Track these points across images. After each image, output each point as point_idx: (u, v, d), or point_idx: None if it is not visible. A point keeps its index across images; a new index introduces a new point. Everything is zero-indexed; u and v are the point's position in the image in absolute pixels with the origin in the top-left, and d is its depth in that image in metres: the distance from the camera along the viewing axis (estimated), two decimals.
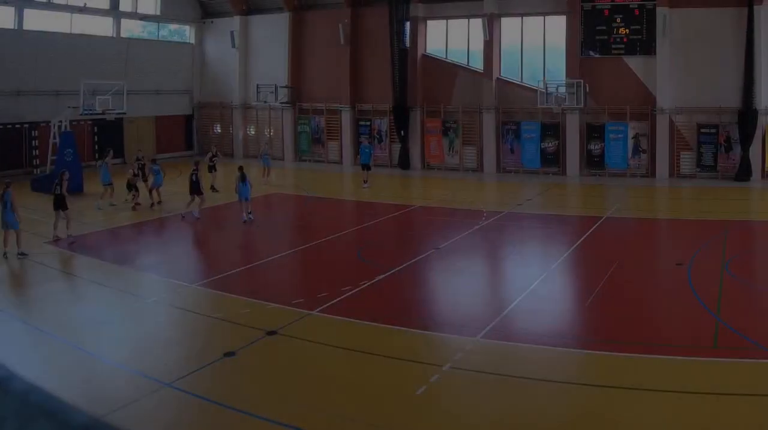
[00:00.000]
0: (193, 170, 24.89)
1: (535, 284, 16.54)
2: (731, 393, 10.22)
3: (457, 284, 17.19)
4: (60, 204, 21.16)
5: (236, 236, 22.98)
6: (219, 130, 45.90)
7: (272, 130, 44.35)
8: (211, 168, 31.53)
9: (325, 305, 14.36)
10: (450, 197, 29.86)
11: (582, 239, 21.36)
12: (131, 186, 26.73)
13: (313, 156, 42.91)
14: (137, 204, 26.92)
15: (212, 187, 30.71)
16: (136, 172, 27.74)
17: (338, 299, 14.83)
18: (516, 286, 17.13)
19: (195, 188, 24.48)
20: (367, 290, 15.65)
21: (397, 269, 17.64)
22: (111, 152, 28.88)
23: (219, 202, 28.11)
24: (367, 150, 33.88)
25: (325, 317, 13.78)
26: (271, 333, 12.83)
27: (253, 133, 45.13)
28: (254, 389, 10.58)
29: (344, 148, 41.94)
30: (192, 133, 46.89)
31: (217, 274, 17.46)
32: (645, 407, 9.85)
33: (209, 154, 32.50)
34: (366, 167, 33.02)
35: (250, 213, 23.86)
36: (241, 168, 24.43)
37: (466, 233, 22.15)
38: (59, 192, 21.20)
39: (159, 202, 27.04)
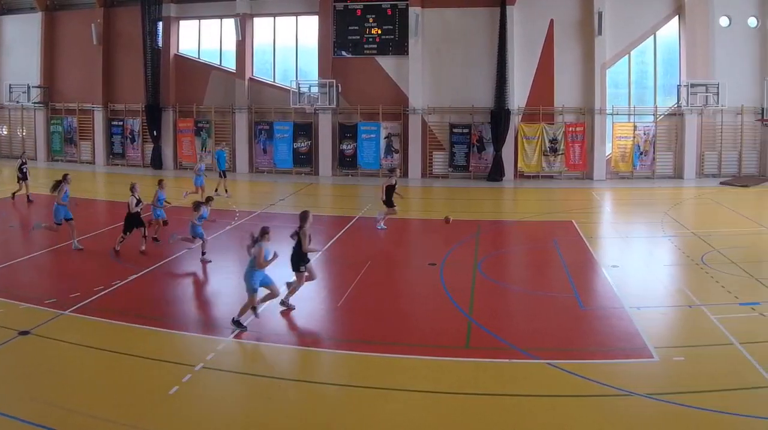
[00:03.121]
0: (394, 183, 20.31)
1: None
2: (482, 393, 9.28)
3: (209, 284, 15.22)
4: None
5: None
6: None
7: (25, 131, 37.01)
8: (22, 177, 23.95)
9: (77, 305, 12.69)
10: (201, 197, 25.96)
11: (334, 238, 18.80)
12: None
13: (66, 156, 35.74)
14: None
15: (28, 198, 23.88)
16: None
17: (91, 299, 13.08)
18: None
19: (389, 201, 20.12)
20: (119, 290, 13.88)
21: (149, 268, 15.59)
22: None
23: None
24: (224, 155, 27.01)
25: (78, 317, 12.22)
26: (23, 333, 11.36)
27: (5, 133, 37.79)
28: (7, 389, 9.32)
29: (97, 147, 35.05)
30: None
31: None
32: (396, 407, 8.87)
33: (19, 162, 24.35)
34: (224, 174, 26.49)
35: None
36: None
37: (219, 232, 19.34)
38: None
39: None
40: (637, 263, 16.66)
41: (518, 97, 30.24)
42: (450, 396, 9.20)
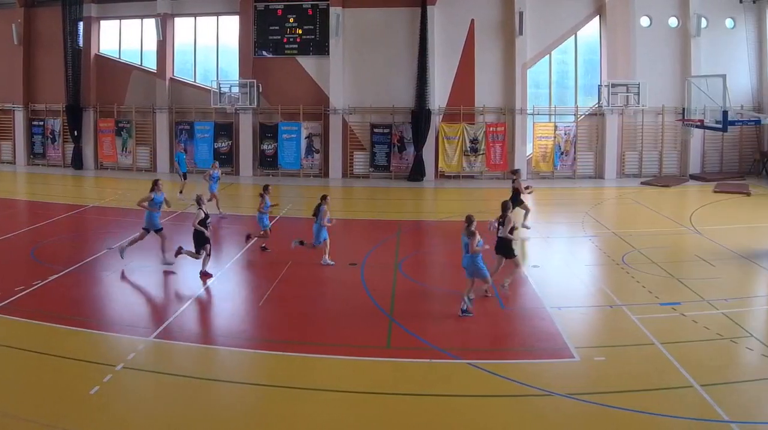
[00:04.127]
0: (527, 187, 19.49)
1: (209, 283, 14.41)
2: (403, 393, 9.22)
3: (130, 283, 14.82)
4: None
5: None
6: None
7: None
8: None
9: None
10: (122, 197, 25.18)
11: (255, 239, 17.96)
12: None
13: None
14: None
15: None
16: None
17: (11, 299, 12.79)
18: (189, 286, 14.64)
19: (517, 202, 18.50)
20: (40, 290, 13.59)
21: (70, 268, 15.24)
22: None
23: None
24: (183, 157, 26.59)
25: None
26: None
27: None
28: None
29: (17, 147, 33.77)
30: None
31: None
32: (316, 407, 8.79)
33: None
34: (185, 176, 25.72)
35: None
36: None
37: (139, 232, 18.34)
38: None
39: None
40: (557, 263, 16.49)
41: (439, 97, 29.82)
42: (370, 396, 9.14)
